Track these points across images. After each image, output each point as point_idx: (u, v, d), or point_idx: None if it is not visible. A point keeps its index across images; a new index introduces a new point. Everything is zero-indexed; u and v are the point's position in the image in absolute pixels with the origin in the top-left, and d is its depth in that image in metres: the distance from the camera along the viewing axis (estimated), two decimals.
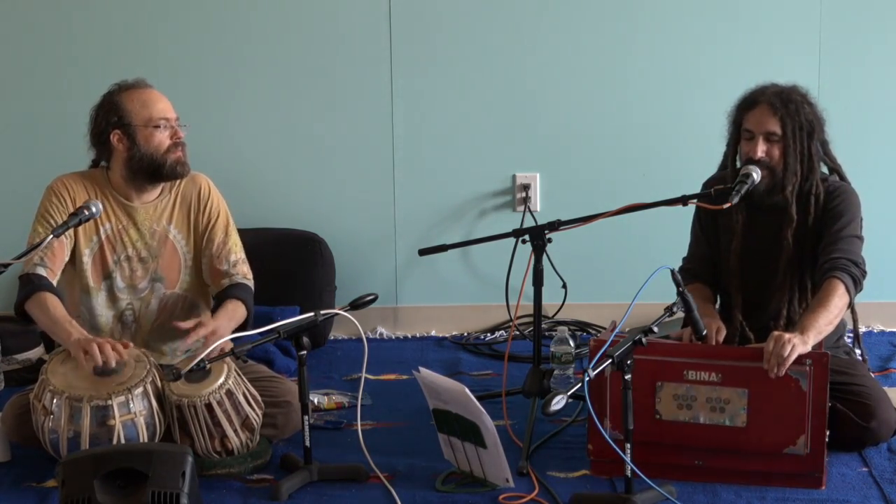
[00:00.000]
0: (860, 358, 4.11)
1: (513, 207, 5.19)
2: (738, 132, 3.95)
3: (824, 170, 4.01)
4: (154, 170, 4.01)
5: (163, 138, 3.99)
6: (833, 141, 4.05)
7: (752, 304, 4.00)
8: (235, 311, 4.03)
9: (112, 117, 4.00)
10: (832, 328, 3.75)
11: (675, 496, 3.61)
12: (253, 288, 4.14)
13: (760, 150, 3.87)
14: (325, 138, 5.16)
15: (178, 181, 4.10)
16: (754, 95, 3.92)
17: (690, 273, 4.08)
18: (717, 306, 4.12)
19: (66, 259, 4.02)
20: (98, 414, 3.72)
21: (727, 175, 4.00)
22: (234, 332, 3.96)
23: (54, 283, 3.97)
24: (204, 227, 4.12)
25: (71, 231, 3.97)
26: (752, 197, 3.88)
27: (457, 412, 3.70)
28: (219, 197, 4.17)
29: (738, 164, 3.99)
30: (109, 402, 3.72)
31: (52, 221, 3.97)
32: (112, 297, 4.08)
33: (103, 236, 4.05)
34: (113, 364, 3.76)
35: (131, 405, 3.75)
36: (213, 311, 4.14)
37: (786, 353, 3.56)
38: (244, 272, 4.13)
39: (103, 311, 4.08)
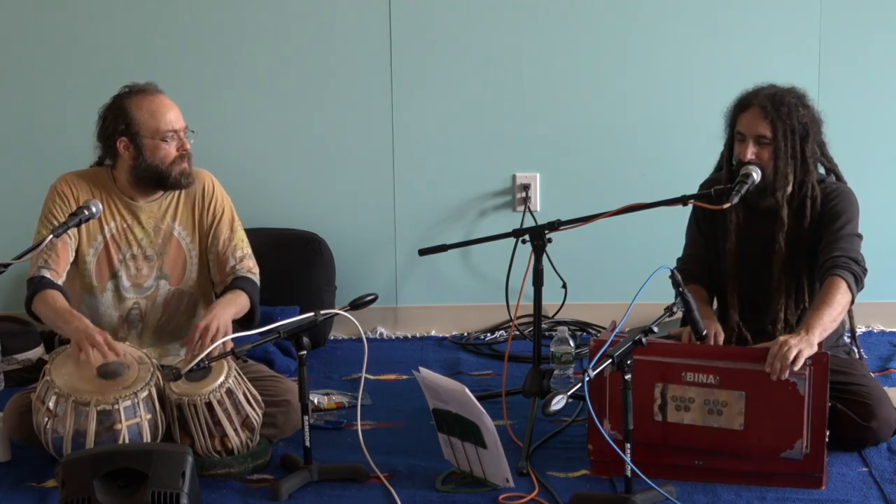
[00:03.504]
0: (858, 356, 4.11)
1: (513, 207, 5.19)
2: (734, 133, 3.96)
3: (822, 171, 4.01)
4: (158, 180, 4.01)
5: (169, 150, 3.98)
6: (833, 141, 4.05)
7: (750, 305, 4.01)
8: (235, 299, 4.02)
9: (120, 124, 3.98)
10: (836, 325, 3.75)
11: (675, 496, 3.61)
12: (258, 282, 4.14)
13: (750, 152, 3.88)
14: (325, 138, 5.16)
15: None
16: (748, 98, 3.93)
17: (685, 274, 4.06)
18: (715, 307, 4.12)
19: (71, 260, 4.02)
20: (104, 418, 3.71)
21: (722, 176, 4.00)
22: (237, 327, 3.97)
23: (58, 283, 3.97)
24: (209, 224, 4.12)
25: (74, 231, 3.97)
26: (746, 198, 3.87)
27: (457, 412, 3.70)
28: (223, 193, 4.17)
29: (733, 166, 3.99)
30: (116, 406, 3.72)
31: (55, 222, 3.95)
32: (118, 297, 4.08)
33: (108, 235, 4.05)
34: (111, 359, 3.76)
35: (137, 409, 3.74)
36: None
37: (790, 357, 3.56)
38: (249, 266, 4.14)
39: (108, 310, 4.08)
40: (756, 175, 3.84)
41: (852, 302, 3.83)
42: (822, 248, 3.88)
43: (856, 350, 4.13)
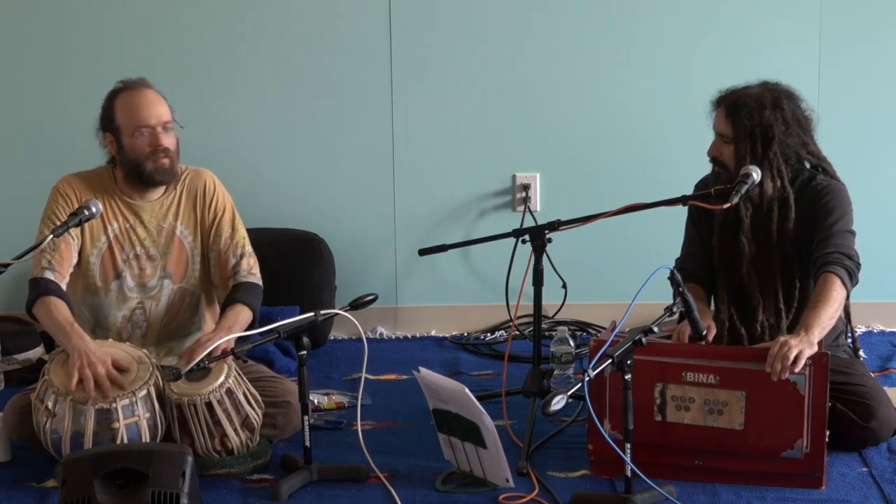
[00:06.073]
0: (857, 356, 4.11)
1: (513, 207, 5.19)
2: None
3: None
4: (138, 176, 4.02)
5: (143, 145, 3.99)
6: (832, 141, 4.05)
7: (744, 300, 4.01)
8: (237, 319, 4.01)
9: (105, 120, 4.03)
10: (834, 322, 3.76)
11: (675, 496, 3.61)
12: (260, 283, 4.14)
13: (713, 147, 3.97)
14: (325, 138, 5.16)
15: (183, 178, 4.11)
16: (719, 98, 4.00)
17: (684, 272, 4.07)
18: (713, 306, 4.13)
19: (75, 261, 4.02)
20: (102, 417, 3.72)
21: (709, 177, 4.04)
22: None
23: (62, 285, 3.97)
24: (210, 222, 4.13)
25: (77, 231, 3.98)
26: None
27: (457, 412, 3.70)
28: (224, 191, 4.18)
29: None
30: (114, 405, 3.72)
31: (57, 223, 3.95)
32: (122, 297, 4.08)
33: (111, 236, 4.06)
34: (109, 397, 3.74)
35: (135, 408, 3.75)
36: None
37: (790, 358, 3.56)
38: (250, 266, 4.13)
39: (112, 310, 4.08)
40: (756, 175, 3.84)
41: (847, 297, 3.84)
42: (814, 245, 3.88)
43: (852, 348, 4.13)
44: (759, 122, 3.88)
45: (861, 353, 4.22)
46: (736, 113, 3.90)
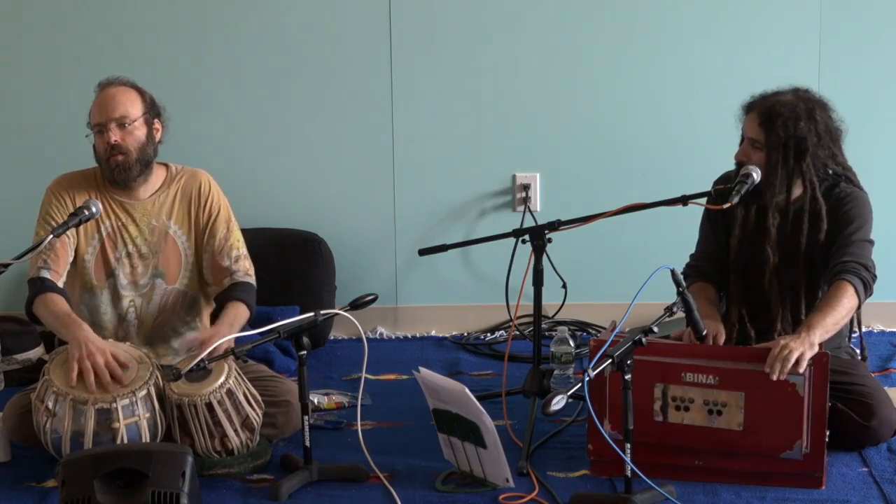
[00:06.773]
0: (861, 357, 4.11)
1: (513, 207, 5.19)
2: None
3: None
4: (105, 174, 4.03)
5: (100, 145, 4.01)
6: None
7: (753, 303, 4.00)
8: (237, 315, 4.02)
9: (88, 121, 4.05)
10: (838, 328, 3.76)
11: (675, 496, 3.61)
12: (255, 284, 4.14)
13: (741, 152, 3.93)
14: (325, 138, 5.16)
15: (178, 178, 4.11)
16: (753, 102, 3.95)
17: (697, 270, 4.08)
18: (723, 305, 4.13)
19: (70, 260, 4.02)
20: (102, 417, 3.72)
21: (731, 173, 4.02)
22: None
23: (59, 283, 3.97)
24: (205, 222, 4.12)
25: (72, 231, 3.98)
26: (755, 195, 3.89)
27: (457, 412, 3.70)
28: (219, 193, 4.17)
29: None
30: (114, 405, 3.72)
31: (53, 224, 3.97)
32: (115, 295, 4.08)
33: (104, 234, 4.06)
34: (111, 391, 3.75)
35: (135, 408, 3.75)
36: (214, 313, 4.14)
37: (791, 361, 3.56)
38: (246, 268, 4.13)
39: (107, 309, 4.09)
40: (756, 175, 3.84)
41: (858, 307, 3.83)
42: (832, 251, 3.88)
43: (858, 352, 4.13)
44: (794, 133, 3.84)
45: (866, 353, 4.21)
46: (771, 122, 3.85)
